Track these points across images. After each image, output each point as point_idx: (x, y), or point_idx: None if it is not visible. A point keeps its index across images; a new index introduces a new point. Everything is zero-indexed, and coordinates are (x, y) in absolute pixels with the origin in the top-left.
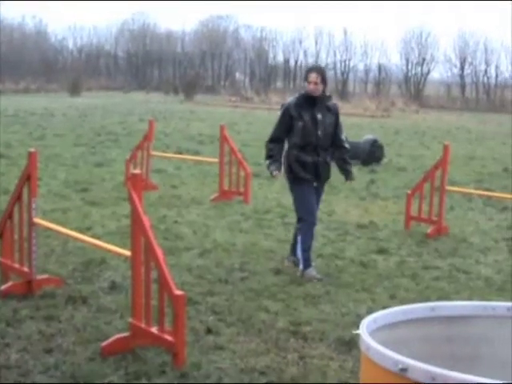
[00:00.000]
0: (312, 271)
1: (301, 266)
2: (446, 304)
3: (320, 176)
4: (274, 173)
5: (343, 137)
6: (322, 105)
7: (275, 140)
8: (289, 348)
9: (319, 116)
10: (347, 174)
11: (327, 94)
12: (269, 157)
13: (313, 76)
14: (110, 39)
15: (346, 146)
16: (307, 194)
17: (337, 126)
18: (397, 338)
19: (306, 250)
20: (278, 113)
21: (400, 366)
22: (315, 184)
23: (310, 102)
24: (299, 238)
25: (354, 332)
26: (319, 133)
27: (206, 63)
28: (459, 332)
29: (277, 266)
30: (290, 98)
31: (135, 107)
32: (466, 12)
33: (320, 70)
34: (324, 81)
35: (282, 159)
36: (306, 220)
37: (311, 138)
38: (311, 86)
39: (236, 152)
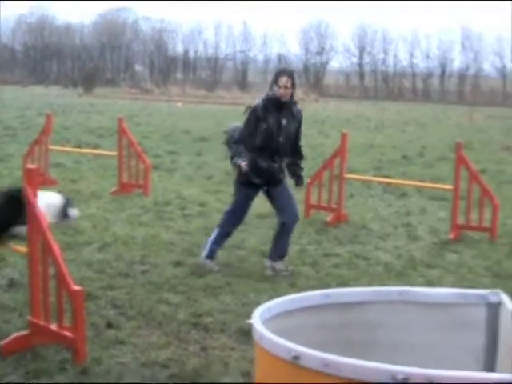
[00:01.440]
0: (212, 263)
1: (204, 253)
2: (340, 291)
3: (272, 181)
4: (243, 163)
5: (301, 143)
6: (288, 110)
7: (241, 141)
8: (190, 340)
9: (284, 121)
10: (298, 180)
11: (294, 98)
12: (235, 155)
13: (283, 80)
14: (7, 32)
15: (302, 153)
16: (249, 197)
17: (298, 132)
18: (292, 326)
19: (218, 242)
20: (247, 115)
21: (293, 354)
22: (265, 188)
23: (277, 105)
24: (217, 229)
25: (248, 321)
26: (280, 139)
27: (105, 56)
28: (355, 318)
29: (177, 258)
30: (257, 100)
31: (34, 101)
32: (364, 3)
33: (291, 74)
34: (294, 85)
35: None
36: (234, 215)
37: (272, 142)
38: (282, 90)
39: (135, 144)
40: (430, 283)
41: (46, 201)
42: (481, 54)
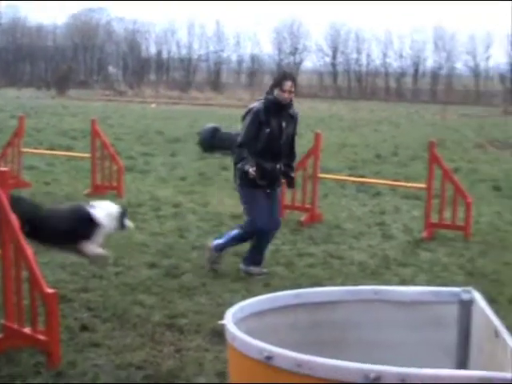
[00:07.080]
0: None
1: (215, 242)
2: (311, 290)
3: (274, 183)
4: (251, 169)
5: (295, 144)
6: (287, 112)
7: (245, 145)
8: (165, 341)
9: (284, 124)
10: (291, 181)
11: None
12: (241, 160)
13: (288, 85)
14: None
15: (296, 153)
16: (261, 199)
17: (294, 134)
18: (265, 326)
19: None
20: (247, 118)
21: (265, 354)
22: (268, 190)
23: (278, 108)
24: (238, 230)
25: (220, 322)
26: (281, 141)
27: (78, 57)
28: (326, 317)
29: (151, 259)
30: (256, 103)
31: (6, 103)
32: (337, 2)
33: (294, 79)
34: (295, 88)
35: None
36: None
37: (274, 145)
38: (286, 95)
39: (108, 146)
40: (403, 282)
41: (106, 210)
42: (453, 53)
